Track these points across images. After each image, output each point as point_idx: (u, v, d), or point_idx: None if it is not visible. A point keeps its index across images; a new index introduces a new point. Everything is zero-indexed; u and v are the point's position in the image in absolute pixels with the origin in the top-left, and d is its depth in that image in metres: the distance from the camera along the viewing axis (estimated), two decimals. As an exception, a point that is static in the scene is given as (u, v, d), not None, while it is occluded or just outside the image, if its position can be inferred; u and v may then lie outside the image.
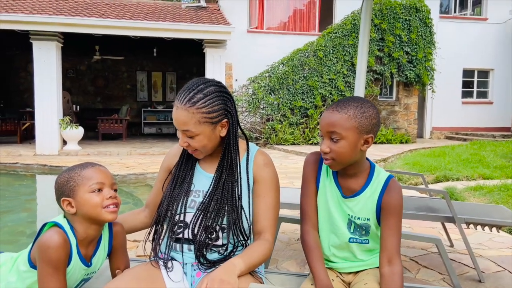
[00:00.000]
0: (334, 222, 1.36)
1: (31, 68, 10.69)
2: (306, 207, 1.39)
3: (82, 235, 1.22)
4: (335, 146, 1.24)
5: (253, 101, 10.64)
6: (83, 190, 1.21)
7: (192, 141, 1.30)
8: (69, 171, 1.25)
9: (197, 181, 1.40)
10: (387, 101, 11.97)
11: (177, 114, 1.27)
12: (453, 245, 3.10)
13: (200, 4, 11.98)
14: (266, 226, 1.36)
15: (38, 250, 1.15)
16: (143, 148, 9.70)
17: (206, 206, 1.32)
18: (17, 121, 10.29)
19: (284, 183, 5.53)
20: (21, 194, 5.47)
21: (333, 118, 1.23)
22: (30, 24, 8.47)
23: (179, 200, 1.35)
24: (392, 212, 1.27)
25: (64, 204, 1.22)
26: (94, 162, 1.30)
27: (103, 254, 1.31)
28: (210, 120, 1.28)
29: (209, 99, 1.27)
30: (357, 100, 1.26)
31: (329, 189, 1.37)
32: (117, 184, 1.28)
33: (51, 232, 1.16)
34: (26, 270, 1.21)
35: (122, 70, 14.62)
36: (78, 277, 1.26)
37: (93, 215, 1.21)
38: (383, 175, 1.32)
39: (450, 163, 6.79)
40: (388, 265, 1.23)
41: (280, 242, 3.11)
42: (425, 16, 11.56)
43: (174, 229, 1.34)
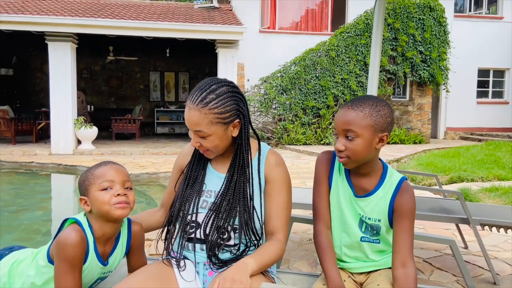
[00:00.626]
0: (346, 221, 1.36)
1: (46, 68, 10.88)
2: (319, 206, 1.39)
3: (99, 232, 1.25)
4: (351, 144, 1.23)
5: (265, 101, 10.64)
6: (94, 188, 1.23)
7: (204, 141, 1.30)
8: (87, 171, 1.29)
9: (208, 181, 1.40)
10: (400, 101, 11.85)
11: (190, 114, 1.27)
12: (468, 247, 3.06)
13: (212, 4, 12.03)
14: (278, 226, 1.36)
15: (56, 247, 1.17)
16: (156, 147, 9.78)
17: (218, 206, 1.32)
18: (33, 121, 10.47)
19: (296, 183, 5.52)
20: (36, 192, 5.57)
21: (348, 116, 1.23)
22: (45, 26, 8.62)
23: (191, 200, 1.36)
24: (405, 214, 1.26)
25: (82, 203, 1.26)
26: (110, 161, 1.32)
27: (120, 254, 1.33)
28: (222, 121, 1.28)
29: (222, 100, 1.27)
30: (372, 99, 1.26)
31: (342, 188, 1.36)
32: (131, 182, 1.29)
33: (69, 229, 1.19)
34: (44, 265, 1.23)
35: (136, 70, 14.76)
36: (94, 276, 1.28)
37: (103, 212, 1.23)
38: (396, 177, 1.31)
39: (465, 163, 6.70)
40: (401, 267, 1.22)
41: (292, 242, 3.10)
42: (439, 15, 11.41)
43: (186, 229, 1.35)
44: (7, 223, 4.03)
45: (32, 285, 1.25)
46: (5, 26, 8.54)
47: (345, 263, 1.40)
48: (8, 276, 1.27)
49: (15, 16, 8.48)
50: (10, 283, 1.27)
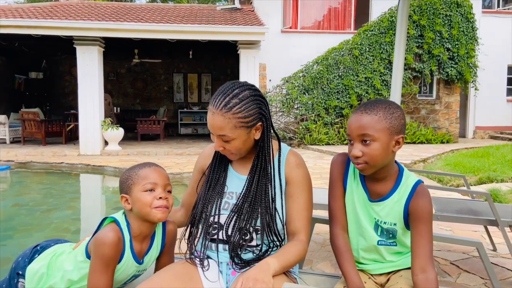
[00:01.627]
0: (362, 225, 1.34)
1: (75, 71, 11.21)
2: (335, 209, 1.38)
3: (136, 231, 1.29)
4: (368, 149, 1.21)
5: (287, 101, 10.61)
6: (137, 188, 1.27)
7: (228, 145, 1.31)
8: (130, 170, 1.33)
9: (230, 182, 1.41)
10: (426, 100, 11.59)
11: (213, 119, 1.28)
12: (496, 249, 2.97)
13: (234, 6, 12.10)
14: (299, 227, 1.36)
15: (93, 245, 1.22)
16: (180, 148, 9.91)
17: (240, 208, 1.33)
18: (62, 123, 10.79)
19: (318, 184, 5.49)
20: (66, 192, 5.74)
21: (363, 121, 1.21)
22: (73, 30, 8.88)
23: (213, 202, 1.37)
24: (421, 218, 1.23)
25: (123, 200, 1.30)
26: (153, 163, 1.36)
27: (155, 252, 1.37)
28: (245, 125, 1.28)
29: (245, 104, 1.27)
30: (384, 102, 1.25)
31: (356, 192, 1.35)
32: (171, 186, 1.34)
33: (108, 229, 1.23)
34: (82, 260, 1.28)
35: (160, 72, 15.01)
36: (129, 273, 1.32)
37: (143, 213, 1.27)
38: (412, 180, 1.28)
39: (494, 164, 6.49)
40: (421, 273, 1.19)
41: (315, 243, 3.09)
42: (467, 11, 11.09)
43: (209, 230, 1.36)
44: (38, 221, 4.18)
45: (70, 282, 1.30)
46: (35, 31, 8.84)
47: (363, 265, 1.39)
48: (47, 268, 1.33)
49: (45, 21, 8.77)
50: (49, 275, 1.32)
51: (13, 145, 10.25)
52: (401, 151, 8.80)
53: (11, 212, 4.51)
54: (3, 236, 3.67)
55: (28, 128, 10.21)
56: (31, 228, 3.96)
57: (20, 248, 1.51)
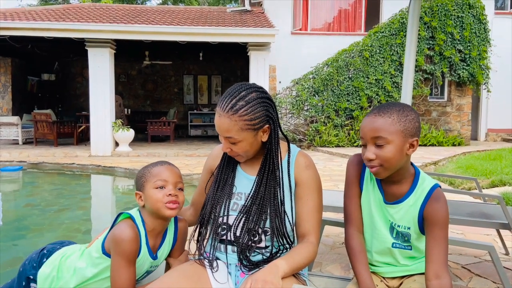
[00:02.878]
0: (376, 227, 1.33)
1: (86, 73, 11.33)
2: (350, 210, 1.37)
3: (150, 226, 1.34)
4: (381, 151, 1.20)
5: (296, 103, 10.59)
6: (149, 185, 1.33)
7: (235, 147, 1.32)
8: (144, 168, 1.39)
9: (238, 183, 1.42)
10: (438, 102, 11.47)
11: (220, 121, 1.29)
12: (509, 253, 2.92)
13: (244, 8, 12.13)
14: (309, 229, 1.36)
15: (112, 243, 1.27)
16: (190, 149, 9.95)
17: (248, 209, 1.33)
18: (74, 124, 10.91)
19: (328, 186, 5.47)
20: (77, 193, 5.80)
21: (377, 123, 1.20)
22: (85, 32, 8.98)
23: (221, 203, 1.38)
24: (436, 223, 1.21)
25: (137, 197, 1.36)
26: (166, 161, 1.41)
27: (167, 248, 1.42)
28: (252, 127, 1.28)
29: (251, 106, 1.27)
30: (398, 105, 1.24)
31: (372, 193, 1.34)
32: (183, 183, 1.38)
33: (124, 225, 1.28)
34: (98, 256, 1.33)
35: (170, 74, 15.11)
36: (144, 268, 1.36)
37: (154, 209, 1.32)
38: (428, 183, 1.27)
39: (507, 166, 6.39)
40: (435, 279, 1.18)
41: (324, 246, 3.08)
42: (479, 12, 10.96)
43: (218, 231, 1.37)
44: (49, 222, 4.23)
45: (83, 278, 1.34)
46: (47, 33, 8.96)
47: (376, 267, 1.38)
48: (58, 270, 1.37)
49: (57, 23, 8.89)
50: (58, 278, 1.36)
51: (25, 146, 10.40)
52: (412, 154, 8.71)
53: (23, 212, 4.57)
54: (16, 236, 3.72)
55: (40, 129, 10.34)
56: (43, 228, 4.01)
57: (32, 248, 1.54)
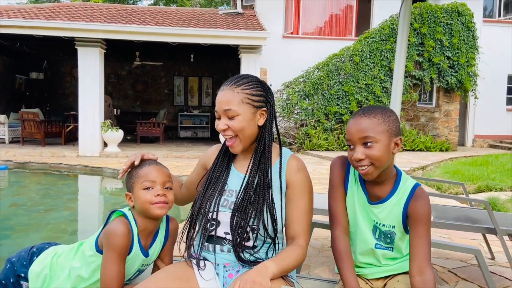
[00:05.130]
0: (360, 227, 1.36)
1: (75, 73, 11.23)
2: (336, 212, 1.38)
3: (141, 226, 1.35)
4: (370, 151, 1.22)
5: (287, 106, 10.63)
6: (138, 186, 1.33)
7: (232, 123, 1.32)
8: (134, 169, 1.38)
9: (231, 180, 1.43)
10: (426, 107, 11.61)
11: (222, 94, 1.34)
12: (494, 258, 2.97)
13: (236, 10, 12.14)
14: (299, 231, 1.36)
15: (105, 237, 1.28)
16: (179, 151, 9.90)
17: (238, 206, 1.34)
18: (62, 124, 10.78)
19: (317, 189, 5.49)
20: (64, 193, 5.73)
21: (364, 124, 1.24)
22: (75, 31, 8.90)
23: (212, 199, 1.38)
24: (420, 220, 1.25)
25: (127, 198, 1.37)
26: (154, 161, 1.41)
27: (158, 247, 1.42)
28: (252, 103, 1.33)
29: (253, 84, 1.36)
30: (379, 107, 1.29)
31: (357, 194, 1.36)
32: (171, 182, 1.38)
33: (118, 221, 1.30)
34: (92, 254, 1.33)
35: (161, 75, 15.04)
36: (136, 266, 1.37)
37: (143, 210, 1.32)
38: (410, 183, 1.31)
39: (494, 172, 6.49)
40: (419, 274, 1.21)
41: (313, 248, 3.09)
42: (468, 20, 11.14)
43: (206, 226, 1.37)
44: (35, 222, 4.17)
45: (79, 278, 1.33)
46: (37, 32, 8.86)
47: (360, 269, 1.39)
48: (50, 268, 1.37)
49: (47, 22, 8.79)
50: (51, 276, 1.36)
51: (12, 145, 10.24)
52: (400, 158, 8.80)
53: (8, 212, 4.49)
54: (0, 236, 3.65)
55: (27, 128, 10.20)
56: (29, 228, 3.95)
57: (17, 248, 1.52)
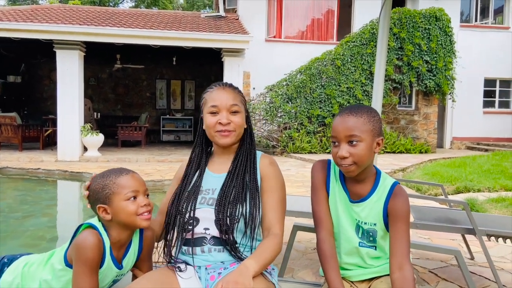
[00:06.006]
0: (344, 227, 1.38)
1: (54, 76, 11.00)
2: (320, 214, 1.40)
3: (115, 238, 1.27)
4: (355, 149, 1.25)
5: (270, 109, 10.66)
6: (119, 198, 1.25)
7: (235, 118, 1.42)
8: (104, 178, 1.28)
9: (205, 182, 1.45)
10: (406, 110, 11.82)
11: (226, 91, 1.44)
12: (474, 258, 3.03)
13: (219, 13, 12.13)
14: (273, 220, 1.40)
15: (74, 250, 1.20)
16: (161, 155, 9.81)
17: (219, 201, 1.36)
18: (40, 128, 10.55)
19: (301, 192, 5.51)
20: (42, 199, 5.60)
21: (350, 122, 1.26)
22: (53, 34, 8.73)
23: (188, 201, 1.40)
24: (399, 217, 1.28)
25: (100, 211, 1.26)
26: (127, 169, 1.33)
27: (132, 257, 1.36)
28: (244, 105, 1.48)
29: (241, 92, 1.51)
30: (365, 107, 1.32)
31: (338, 194, 1.39)
32: (148, 190, 1.33)
33: (87, 233, 1.22)
34: (61, 268, 1.26)
35: (142, 78, 14.88)
36: (109, 279, 1.31)
37: (128, 222, 1.25)
38: (389, 181, 1.34)
39: (471, 174, 6.64)
40: (398, 271, 1.23)
41: (296, 251, 3.09)
42: (445, 25, 11.41)
43: (185, 226, 1.37)
44: (12, 229, 4.05)
45: None
46: (15, 34, 8.66)
47: (345, 270, 1.40)
48: (22, 278, 1.31)
49: (24, 24, 8.60)
50: (23, 285, 1.30)
51: (-12, 150, 9.96)
52: (381, 160, 8.92)
53: (-16, 219, 4.36)
54: (-25, 244, 3.54)
55: (4, 132, 9.94)
56: (6, 235, 3.83)
57: (-8, 256, 1.46)
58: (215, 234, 1.35)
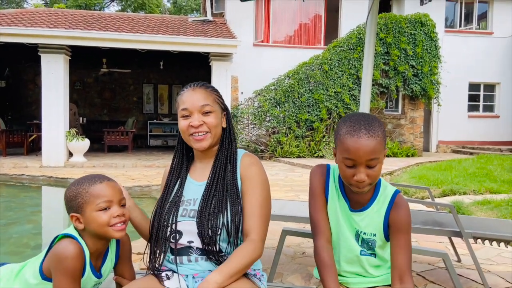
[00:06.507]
0: (345, 235, 1.34)
1: (39, 80, 10.83)
2: (318, 221, 1.35)
3: (92, 248, 1.23)
4: (372, 171, 1.19)
5: (258, 113, 10.66)
6: (91, 208, 1.20)
7: (208, 119, 1.37)
8: (77, 185, 1.23)
9: (187, 191, 1.41)
10: (392, 115, 11.95)
11: (195, 92, 1.39)
12: (461, 260, 3.05)
13: (206, 18, 12.12)
14: (252, 225, 1.31)
15: (53, 261, 1.14)
16: (149, 160, 9.72)
17: (200, 213, 1.32)
18: (24, 133, 10.38)
19: (289, 196, 5.50)
20: (26, 205, 5.49)
21: (371, 145, 1.17)
22: (38, 38, 8.61)
23: (170, 213, 1.36)
24: (401, 229, 1.25)
25: (73, 220, 1.22)
26: (103, 176, 1.28)
27: (110, 265, 1.32)
28: (220, 104, 1.43)
29: (216, 89, 1.48)
30: (375, 119, 1.24)
31: (338, 202, 1.35)
32: (125, 199, 1.28)
33: (66, 242, 1.16)
34: (37, 282, 1.19)
35: (129, 82, 14.76)
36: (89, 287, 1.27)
37: (100, 233, 1.21)
38: (390, 190, 1.31)
39: (457, 177, 6.73)
40: (399, 283, 1.21)
41: (285, 256, 3.08)
42: (430, 30, 11.59)
43: (168, 239, 1.35)
44: (-5, 236, 3.96)
45: None
46: None
47: (344, 278, 1.38)
48: None
49: (9, 28, 8.47)
50: None
51: (-30, 155, 9.75)
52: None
53: (-35, 227, 4.25)
54: (-44, 253, 3.44)
55: (-13, 138, 9.74)
56: (-13, 243, 3.74)
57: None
58: (200, 246, 1.32)
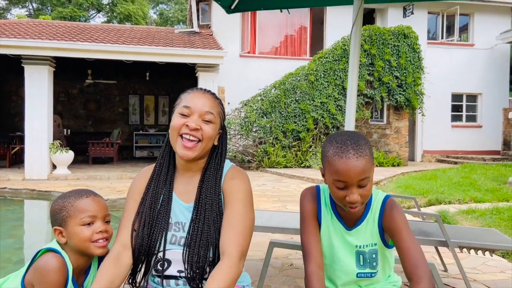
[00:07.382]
0: (340, 258, 1.30)
1: (22, 92, 10.66)
2: (309, 246, 1.29)
3: (74, 264, 1.20)
4: (364, 190, 1.18)
5: (245, 124, 10.67)
6: (74, 222, 1.18)
7: (206, 127, 1.28)
8: (64, 199, 1.22)
9: (174, 213, 1.32)
10: (378, 125, 12.09)
11: (205, 96, 1.32)
12: (447, 270, 3.07)
13: (193, 29, 12.15)
14: (227, 241, 1.20)
15: (36, 275, 1.12)
16: (134, 171, 9.60)
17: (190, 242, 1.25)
18: (7, 145, 10.17)
19: (276, 207, 5.48)
20: (8, 219, 5.34)
21: (361, 165, 1.15)
22: (22, 49, 8.50)
23: (158, 237, 1.26)
24: (400, 229, 1.23)
25: (56, 233, 1.20)
26: (90, 191, 1.26)
27: (92, 281, 1.26)
28: (221, 119, 1.36)
29: (222, 105, 1.40)
30: (361, 136, 1.22)
31: (331, 224, 1.31)
32: (110, 215, 1.26)
33: (49, 256, 1.14)
34: None
35: (114, 93, 14.64)
36: None
37: (81, 248, 1.19)
38: (381, 196, 1.29)
39: (442, 186, 6.81)
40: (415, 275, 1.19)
41: (273, 268, 3.05)
42: (413, 42, 11.83)
43: (157, 267, 1.27)
44: (-26, 252, 3.84)
45: None
46: (-20, 49, 8.38)
47: None
48: None
49: (-9, 38, 8.35)
50: None
51: (-51, 168, 9.50)
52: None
53: None
54: None
55: (-32, 150, 9.52)
56: (-34, 259, 3.62)
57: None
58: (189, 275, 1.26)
